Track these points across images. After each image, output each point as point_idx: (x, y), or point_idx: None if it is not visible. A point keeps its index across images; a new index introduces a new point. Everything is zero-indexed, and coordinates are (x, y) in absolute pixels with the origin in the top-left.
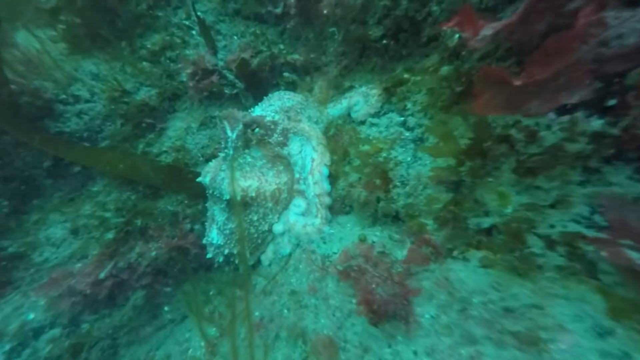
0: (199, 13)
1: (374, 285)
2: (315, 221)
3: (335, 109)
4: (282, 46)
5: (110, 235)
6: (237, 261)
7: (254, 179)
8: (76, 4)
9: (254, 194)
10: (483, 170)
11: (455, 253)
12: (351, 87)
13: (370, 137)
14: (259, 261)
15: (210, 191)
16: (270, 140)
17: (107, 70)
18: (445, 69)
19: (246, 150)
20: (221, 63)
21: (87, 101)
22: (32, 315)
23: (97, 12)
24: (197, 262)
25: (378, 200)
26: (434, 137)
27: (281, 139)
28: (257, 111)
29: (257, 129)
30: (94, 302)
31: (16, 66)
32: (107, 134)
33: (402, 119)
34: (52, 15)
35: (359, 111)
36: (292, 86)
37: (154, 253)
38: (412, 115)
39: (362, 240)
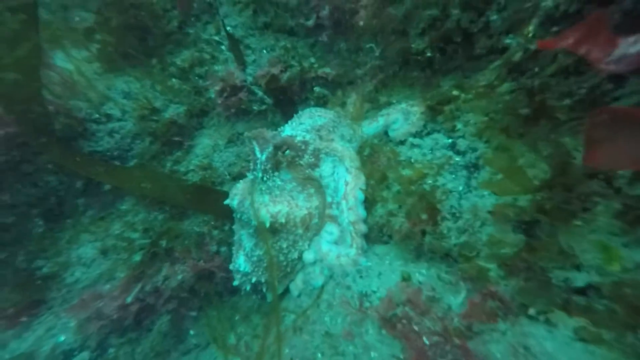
0: (228, 28)
1: (426, 342)
2: (350, 252)
3: (371, 127)
4: (312, 59)
5: (137, 257)
6: (265, 290)
7: (284, 203)
8: (111, 24)
9: (283, 220)
10: (566, 211)
11: (531, 312)
12: (388, 103)
13: (413, 161)
14: (287, 290)
15: (238, 215)
16: (301, 162)
17: (138, 88)
18: (506, 86)
19: (275, 173)
20: (250, 79)
21: (118, 120)
22: (62, 338)
23: (130, 31)
24: (222, 286)
25: (424, 233)
26: (492, 166)
27: (312, 160)
28: (287, 130)
29: (287, 151)
30: (120, 326)
31: (53, 87)
32: (137, 152)
33: (451, 140)
34: (87, 35)
35: (398, 130)
36: (323, 101)
37: (180, 276)
38: (463, 137)
39: (406, 279)
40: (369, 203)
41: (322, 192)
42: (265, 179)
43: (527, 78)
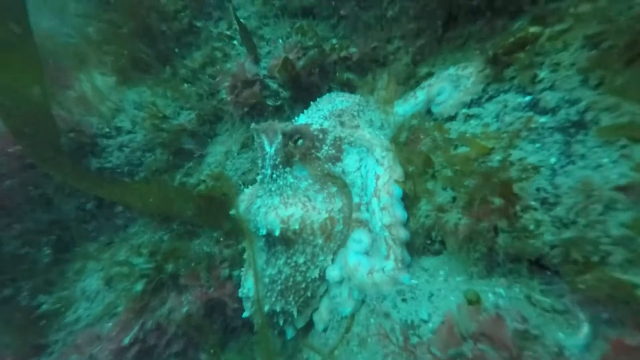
0: (241, 19)
1: None
2: (387, 265)
3: (407, 104)
4: (334, 40)
5: (139, 286)
6: (282, 322)
7: (297, 205)
8: (122, 32)
9: (297, 227)
10: None
11: None
12: (429, 75)
13: (468, 134)
14: (311, 323)
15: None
16: (318, 154)
17: (149, 96)
18: None
19: (287, 169)
20: (264, 72)
21: (128, 132)
22: None
23: (141, 37)
24: (238, 319)
25: (495, 231)
26: (616, 113)
27: (333, 151)
28: (302, 119)
29: (300, 141)
30: None
31: (67, 104)
32: (146, 166)
33: (529, 98)
34: (100, 47)
35: (445, 102)
36: (349, 89)
37: (185, 309)
38: (551, 88)
39: (472, 302)
40: (409, 201)
41: (346, 191)
42: (275, 176)
43: None
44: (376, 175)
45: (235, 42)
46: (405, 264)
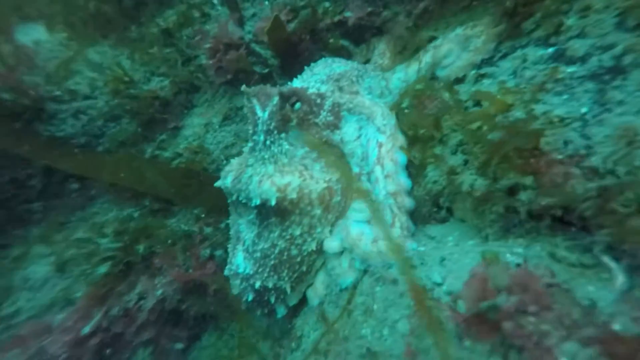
0: None
1: None
2: (392, 232)
3: (410, 69)
4: (327, 4)
5: (103, 269)
6: (274, 300)
7: (295, 174)
8: None
9: (295, 196)
10: None
11: None
12: (432, 39)
13: (483, 91)
14: (304, 299)
15: (234, 197)
16: (317, 120)
17: (111, 58)
18: None
19: (282, 135)
20: (249, 37)
21: (86, 97)
22: None
23: None
24: (219, 304)
25: (516, 189)
26: None
27: (331, 118)
28: (297, 83)
29: (298, 104)
30: None
31: (7, 60)
32: (109, 137)
33: (553, 49)
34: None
35: (452, 64)
36: (343, 57)
37: (160, 292)
38: (579, 36)
39: (489, 259)
40: (414, 169)
41: (344, 162)
42: (268, 142)
43: None
44: (378, 143)
45: (215, 0)
46: (410, 232)
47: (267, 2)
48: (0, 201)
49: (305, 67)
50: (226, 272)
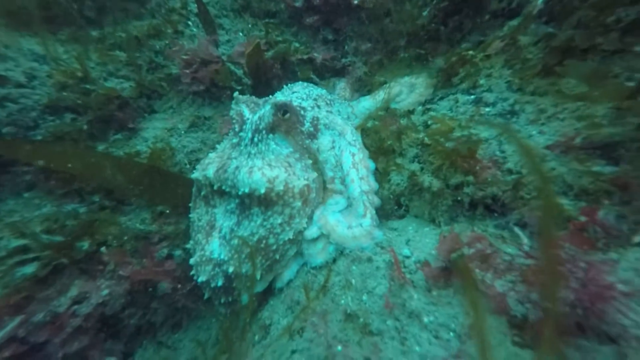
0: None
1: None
2: (364, 222)
3: (367, 102)
4: (297, 44)
5: (28, 269)
6: (241, 287)
7: (281, 169)
8: None
9: (282, 188)
10: None
11: (637, 239)
12: (384, 83)
13: (432, 120)
14: (269, 288)
15: (215, 187)
16: (302, 128)
17: (61, 52)
18: (526, 39)
19: (270, 135)
20: (224, 57)
21: (19, 85)
22: None
23: None
24: (166, 306)
25: (462, 186)
26: (534, 105)
27: (312, 129)
28: (279, 97)
29: (287, 114)
30: None
31: None
32: (46, 130)
33: (474, 96)
34: None
35: (403, 100)
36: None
37: (105, 292)
38: (488, 90)
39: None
40: (379, 175)
41: (319, 167)
42: (256, 140)
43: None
44: (351, 153)
45: (190, 22)
46: (377, 223)
47: (241, 34)
48: None
49: (285, 86)
50: (193, 261)
